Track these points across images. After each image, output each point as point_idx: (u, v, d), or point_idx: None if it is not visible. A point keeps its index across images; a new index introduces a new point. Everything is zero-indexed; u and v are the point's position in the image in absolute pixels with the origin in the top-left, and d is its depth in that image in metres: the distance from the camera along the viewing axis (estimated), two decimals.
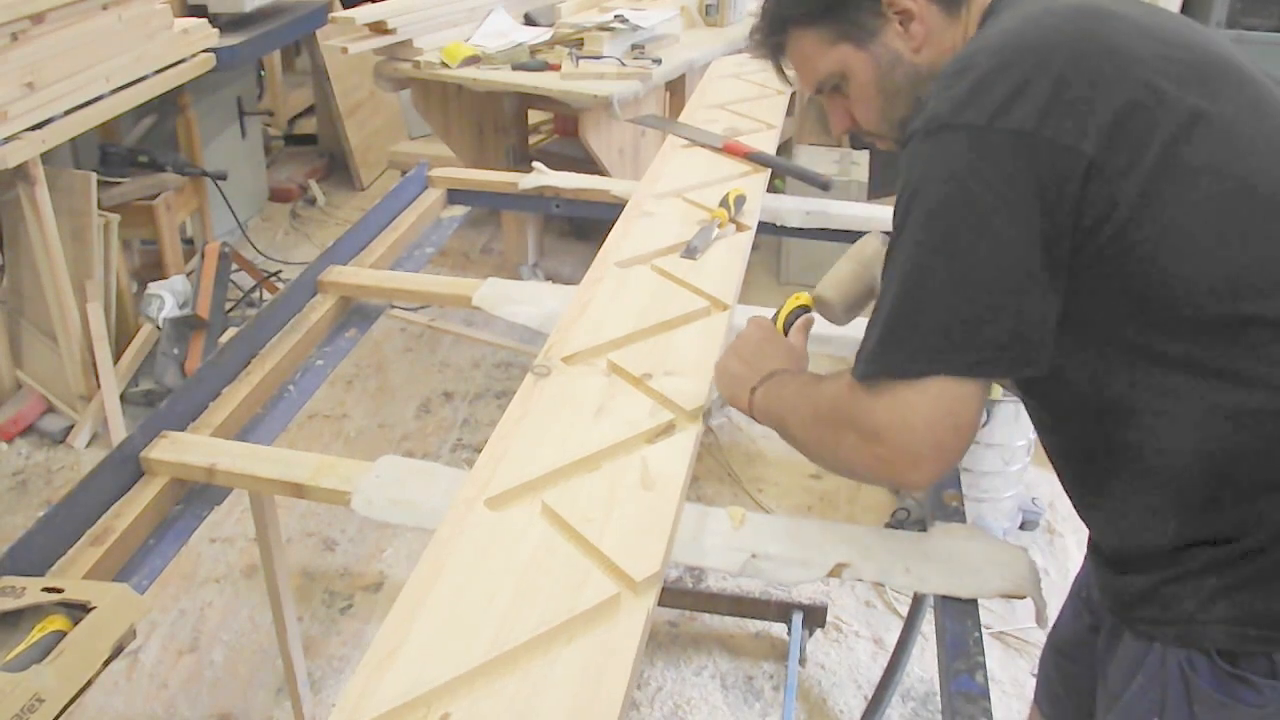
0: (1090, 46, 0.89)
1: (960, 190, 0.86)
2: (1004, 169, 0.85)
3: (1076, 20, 0.92)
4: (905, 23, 1.03)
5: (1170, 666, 0.95)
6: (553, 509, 1.07)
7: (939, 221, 0.87)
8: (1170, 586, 0.94)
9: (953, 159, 0.87)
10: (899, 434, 0.88)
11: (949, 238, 0.86)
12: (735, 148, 2.04)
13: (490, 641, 0.91)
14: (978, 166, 0.86)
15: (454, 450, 2.95)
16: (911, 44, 1.04)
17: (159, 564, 1.20)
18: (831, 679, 2.20)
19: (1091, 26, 0.91)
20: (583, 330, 1.42)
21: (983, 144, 0.86)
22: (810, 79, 1.12)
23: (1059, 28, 0.91)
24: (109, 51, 2.95)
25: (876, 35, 1.05)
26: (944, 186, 0.87)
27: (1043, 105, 0.85)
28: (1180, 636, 0.94)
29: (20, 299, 3.06)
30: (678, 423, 1.23)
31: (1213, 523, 0.91)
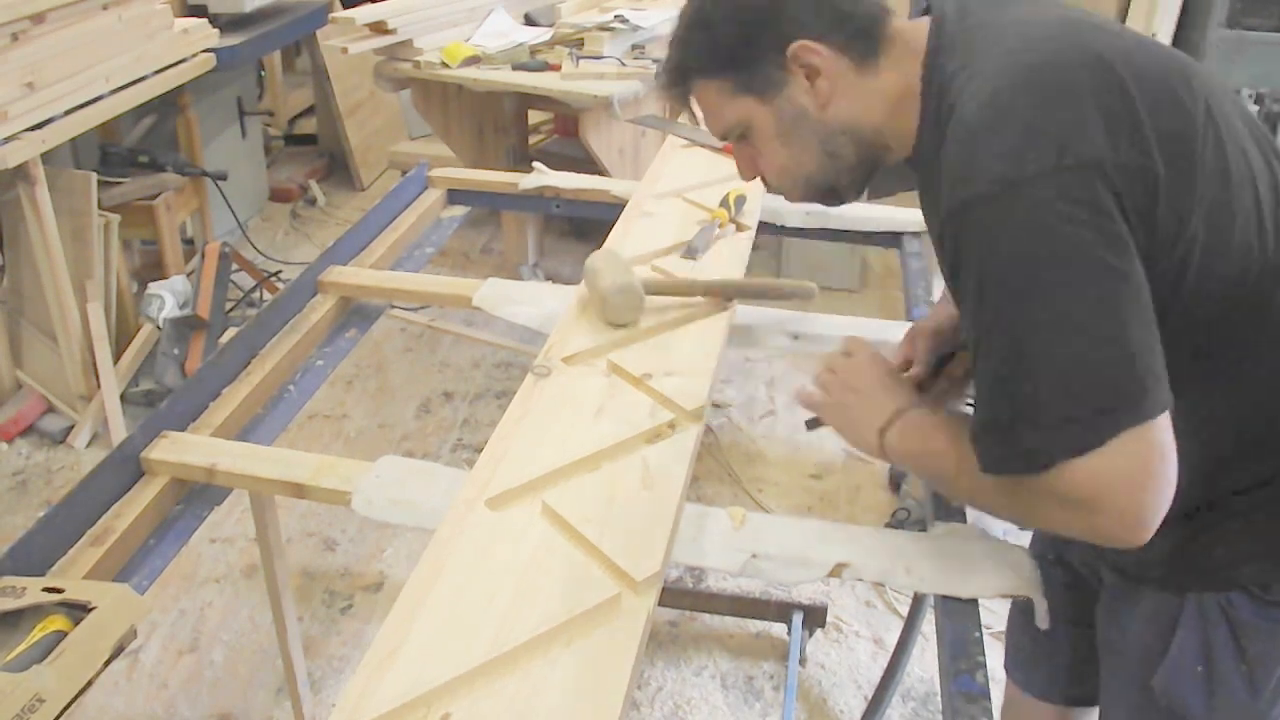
0: (1105, 64, 0.87)
1: (1061, 237, 0.82)
2: (1091, 203, 0.82)
3: (1073, 39, 0.90)
4: (811, 77, 1.00)
5: (1210, 611, 1.00)
6: (553, 509, 1.07)
7: (1054, 279, 0.82)
8: (1200, 539, 0.98)
9: (1036, 212, 0.82)
10: (1113, 501, 0.84)
11: (1074, 292, 0.82)
12: None
13: (490, 641, 0.91)
14: (1067, 211, 0.82)
15: (454, 450, 2.95)
16: (818, 99, 1.01)
17: (159, 564, 1.20)
18: (831, 679, 2.20)
19: (1087, 43, 0.89)
20: (583, 330, 1.42)
21: (1062, 184, 0.82)
22: (716, 128, 1.10)
23: (1063, 51, 0.88)
24: (109, 51, 2.95)
25: (781, 89, 1.02)
26: (1042, 241, 0.82)
27: (1099, 131, 0.83)
28: (1215, 582, 0.99)
29: (20, 299, 3.06)
30: (678, 422, 1.23)
31: (1238, 477, 0.97)
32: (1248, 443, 0.96)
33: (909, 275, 1.80)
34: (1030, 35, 0.92)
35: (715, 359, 1.36)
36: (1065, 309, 0.82)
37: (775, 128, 1.04)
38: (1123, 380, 0.82)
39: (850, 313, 1.69)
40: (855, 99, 1.01)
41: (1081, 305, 0.82)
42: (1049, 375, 0.84)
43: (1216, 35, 3.61)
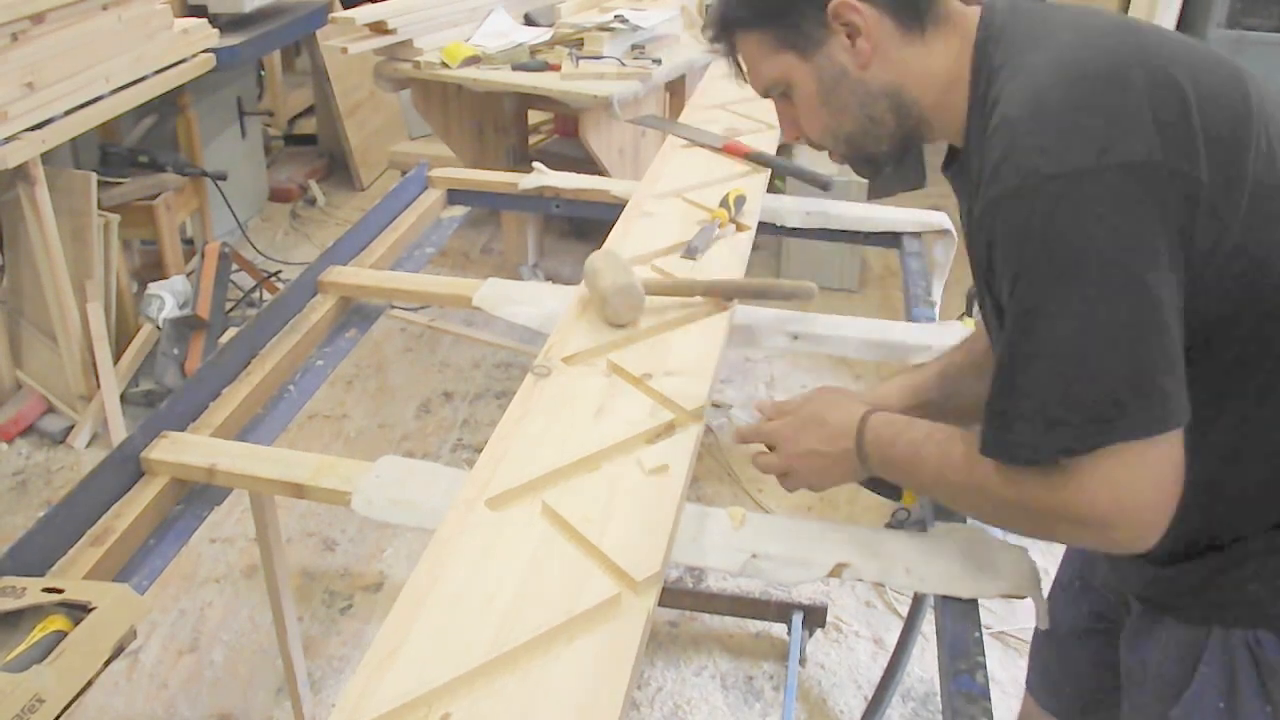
0: (1159, 66, 0.85)
1: (1091, 240, 0.80)
2: (1127, 207, 0.80)
3: (1128, 39, 0.88)
4: (852, 36, 0.98)
5: (1235, 647, 0.97)
6: (553, 509, 1.07)
7: (1078, 281, 0.81)
8: (1233, 572, 0.96)
9: (1069, 210, 0.80)
10: (1092, 511, 0.83)
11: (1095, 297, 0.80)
12: (735, 148, 2.04)
13: (491, 641, 0.91)
14: (1099, 212, 0.80)
15: (454, 450, 2.95)
16: (858, 59, 0.99)
17: (159, 564, 1.20)
18: (831, 679, 2.20)
19: (1145, 44, 0.87)
20: (583, 330, 1.42)
21: (1099, 185, 0.80)
22: (758, 83, 1.09)
23: (1117, 50, 0.86)
24: (109, 51, 2.95)
25: (821, 46, 1.00)
26: (1068, 243, 0.81)
27: (1148, 133, 0.81)
28: (1245, 618, 0.96)
29: (20, 299, 3.06)
30: (678, 422, 1.23)
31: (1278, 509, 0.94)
32: None
33: (909, 275, 1.80)
34: (1085, 29, 0.90)
35: (715, 359, 1.36)
36: (1080, 311, 0.81)
37: (816, 86, 1.02)
38: (1123, 392, 0.80)
39: (850, 313, 1.69)
40: (896, 64, 0.99)
41: (1096, 311, 0.81)
42: (1050, 373, 0.83)
43: (1216, 35, 3.61)
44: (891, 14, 0.97)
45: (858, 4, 0.97)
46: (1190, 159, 0.81)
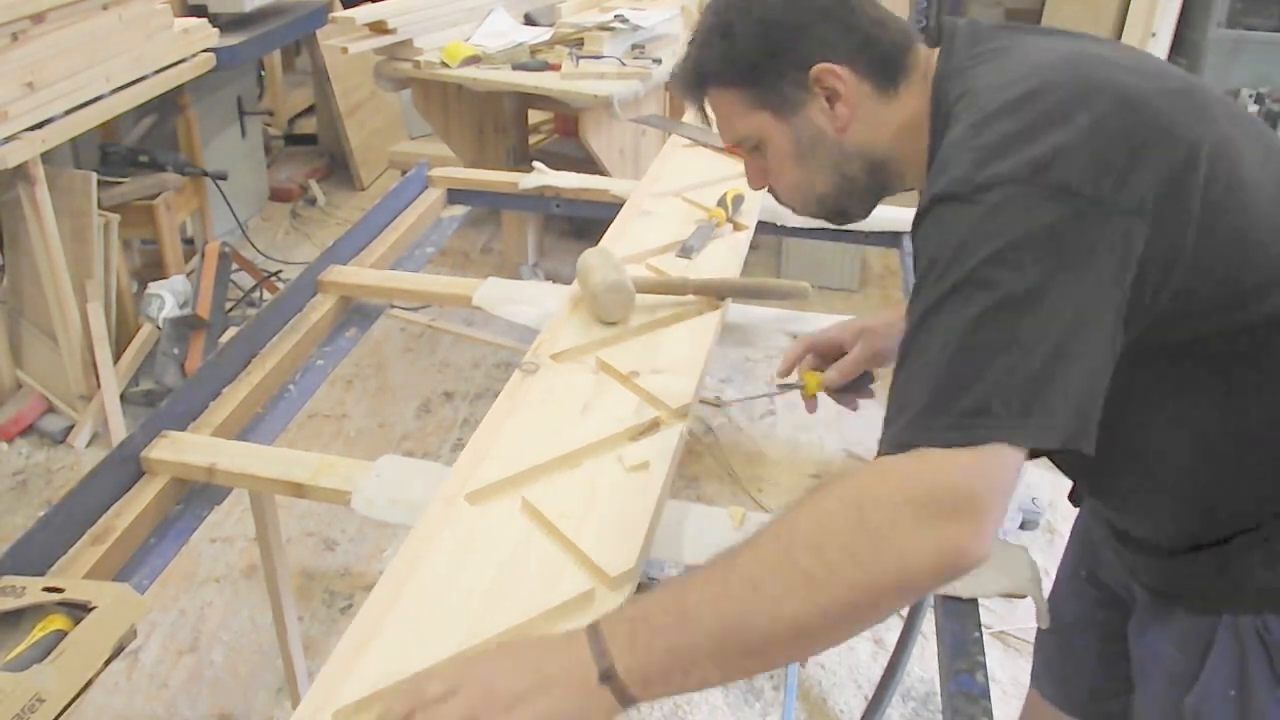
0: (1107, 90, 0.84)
1: (1014, 251, 0.78)
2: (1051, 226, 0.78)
3: (1084, 70, 0.86)
4: (831, 100, 0.98)
5: (1246, 634, 0.96)
6: (533, 505, 1.07)
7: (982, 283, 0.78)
8: (1239, 560, 0.95)
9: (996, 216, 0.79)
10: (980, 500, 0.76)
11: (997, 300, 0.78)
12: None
13: (464, 634, 0.91)
14: (1023, 223, 0.78)
15: (454, 450, 2.95)
16: (837, 123, 0.99)
17: (159, 564, 1.20)
18: (831, 679, 2.20)
19: (1099, 76, 0.85)
20: (573, 328, 1.42)
21: (1026, 199, 0.79)
22: (728, 136, 1.07)
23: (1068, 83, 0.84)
24: (109, 51, 2.95)
25: (800, 109, 0.99)
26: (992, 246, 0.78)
27: (1085, 163, 0.79)
28: (1253, 604, 0.96)
29: (20, 299, 3.06)
30: (662, 420, 1.23)
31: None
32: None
33: (909, 275, 1.81)
34: (1037, 63, 0.88)
35: (704, 357, 1.36)
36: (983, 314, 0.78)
37: (791, 146, 1.02)
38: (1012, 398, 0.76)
39: (850, 312, 1.69)
40: (873, 125, 0.99)
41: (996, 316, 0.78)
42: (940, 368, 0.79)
43: (1216, 35, 3.61)
44: (868, 76, 0.98)
45: (839, 69, 0.96)
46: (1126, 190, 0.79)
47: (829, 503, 0.79)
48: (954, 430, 0.77)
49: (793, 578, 0.76)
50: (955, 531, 0.75)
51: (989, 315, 0.78)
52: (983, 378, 0.77)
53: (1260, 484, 0.93)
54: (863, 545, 0.76)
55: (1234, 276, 0.85)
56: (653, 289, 1.48)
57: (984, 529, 0.76)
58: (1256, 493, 0.94)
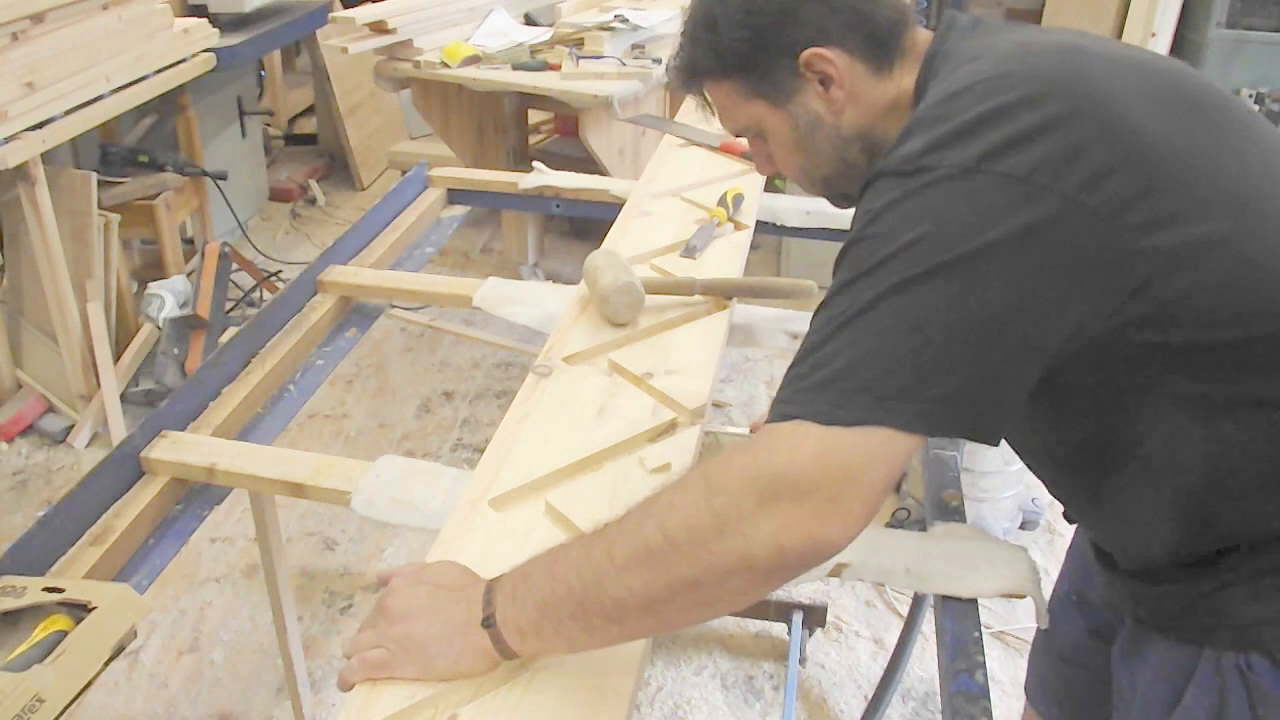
0: (1082, 93, 0.79)
1: (942, 228, 0.76)
2: (994, 215, 0.75)
3: (1066, 62, 0.82)
4: (825, 84, 0.96)
5: (1227, 671, 0.92)
6: (556, 508, 1.07)
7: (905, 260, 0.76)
8: (1224, 592, 0.91)
9: (932, 196, 0.77)
10: (838, 484, 0.74)
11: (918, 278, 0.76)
12: (732, 147, 2.04)
13: None
14: (962, 208, 0.76)
15: (454, 450, 2.95)
16: (832, 107, 0.97)
17: (159, 564, 1.20)
18: (831, 679, 2.20)
19: (1082, 70, 0.82)
20: (583, 330, 1.42)
21: (972, 185, 0.76)
22: (730, 126, 1.07)
23: (1047, 71, 0.81)
24: (109, 51, 2.95)
25: (794, 96, 0.98)
26: (919, 228, 0.76)
27: (1040, 154, 0.76)
28: (1237, 640, 0.91)
29: (20, 299, 3.06)
30: (679, 421, 1.23)
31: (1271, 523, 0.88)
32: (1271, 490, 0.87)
33: None
34: (1019, 51, 0.85)
35: (716, 357, 1.36)
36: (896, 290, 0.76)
37: (790, 133, 1.01)
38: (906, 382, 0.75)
39: None
40: (867, 105, 0.98)
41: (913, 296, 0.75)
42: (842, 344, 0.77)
43: (1216, 35, 3.61)
44: (862, 57, 0.96)
45: (829, 54, 0.94)
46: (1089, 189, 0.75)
47: (691, 476, 0.80)
48: (837, 407, 0.75)
49: (641, 550, 0.78)
50: (801, 515, 0.74)
51: (896, 297, 0.76)
52: (874, 358, 0.75)
53: (1240, 516, 0.89)
54: (705, 525, 0.76)
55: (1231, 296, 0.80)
56: (660, 290, 1.48)
57: (841, 513, 0.74)
58: (1248, 512, 0.89)
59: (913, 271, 0.76)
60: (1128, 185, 0.77)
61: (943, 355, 0.75)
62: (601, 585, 0.80)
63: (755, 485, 0.75)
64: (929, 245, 0.76)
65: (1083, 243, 0.76)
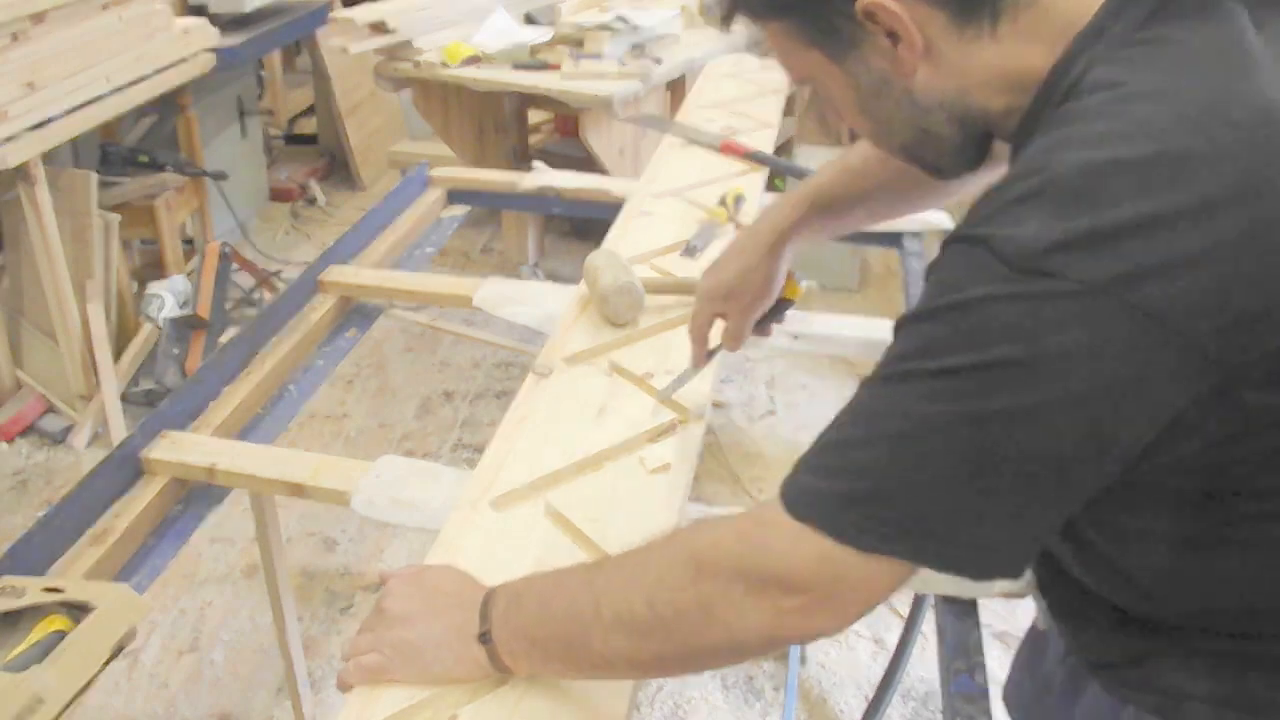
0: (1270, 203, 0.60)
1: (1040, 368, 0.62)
2: (1106, 354, 0.61)
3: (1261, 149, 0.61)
4: (893, 38, 0.74)
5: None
6: (557, 509, 1.07)
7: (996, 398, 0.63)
8: (1157, 660, 0.85)
9: (1040, 317, 0.61)
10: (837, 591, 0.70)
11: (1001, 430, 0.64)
12: (732, 147, 2.04)
13: None
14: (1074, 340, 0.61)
15: (454, 450, 2.95)
16: (902, 67, 0.76)
17: (159, 564, 1.20)
18: (831, 679, 2.20)
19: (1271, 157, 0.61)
20: (583, 330, 1.42)
21: (1091, 312, 0.60)
22: (789, 73, 0.88)
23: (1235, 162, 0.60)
24: (109, 51, 2.95)
25: (855, 49, 0.77)
26: (1015, 348, 0.62)
27: (1187, 281, 0.59)
28: (1160, 708, 0.85)
29: (20, 299, 3.06)
30: (680, 421, 1.23)
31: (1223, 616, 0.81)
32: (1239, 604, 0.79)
33: (909, 275, 1.80)
34: (1212, 106, 0.62)
35: (716, 357, 1.36)
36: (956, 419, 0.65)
37: (852, 94, 0.81)
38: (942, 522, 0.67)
39: (850, 312, 1.69)
40: (956, 69, 0.75)
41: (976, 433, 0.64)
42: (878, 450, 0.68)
43: None
44: (944, 7, 0.73)
45: (892, 4, 0.72)
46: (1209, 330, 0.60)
47: (679, 550, 0.77)
48: (861, 531, 0.68)
49: (627, 617, 0.77)
50: (793, 608, 0.71)
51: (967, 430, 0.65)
52: (922, 495, 0.67)
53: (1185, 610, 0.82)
54: (692, 610, 0.74)
55: None
56: (661, 290, 1.48)
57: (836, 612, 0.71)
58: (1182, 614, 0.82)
59: (994, 405, 0.63)
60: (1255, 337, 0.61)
61: (1000, 504, 0.66)
62: (588, 639, 0.79)
63: (746, 577, 0.72)
64: (1022, 376, 0.62)
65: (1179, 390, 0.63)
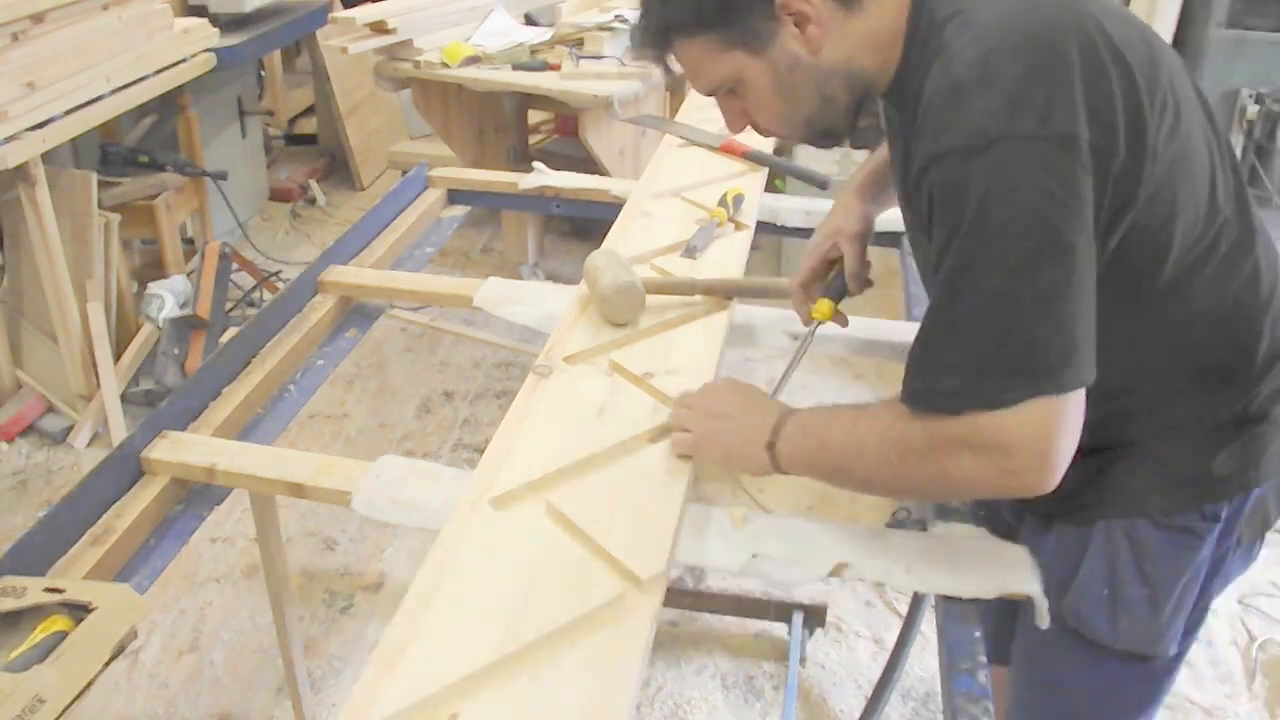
0: (1091, 39, 0.89)
1: (1029, 203, 0.85)
2: (1063, 176, 0.85)
3: (1071, 5, 0.91)
4: (801, 24, 0.98)
5: (1115, 536, 1.07)
6: (558, 509, 1.07)
7: (1014, 241, 0.86)
8: (1108, 470, 1.06)
9: (1010, 172, 0.85)
10: (1034, 445, 0.88)
11: (1029, 257, 0.86)
12: (732, 147, 2.04)
13: (497, 642, 0.91)
14: (1040, 178, 0.85)
15: (454, 450, 2.95)
16: (810, 46, 0.99)
17: (159, 564, 1.20)
18: (831, 679, 2.20)
19: (1083, 14, 0.90)
20: (583, 330, 1.42)
21: (1039, 152, 0.85)
22: (703, 85, 1.07)
23: (1059, 20, 0.89)
24: (109, 51, 2.95)
25: (772, 40, 0.99)
26: (1011, 202, 0.85)
27: (1080, 109, 0.86)
28: (1123, 508, 1.06)
29: (20, 299, 3.06)
30: None
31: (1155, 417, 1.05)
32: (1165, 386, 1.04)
33: (909, 275, 1.81)
34: None
35: (716, 358, 1.36)
36: (1013, 270, 0.86)
37: (770, 79, 1.01)
38: (1049, 353, 0.87)
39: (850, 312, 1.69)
40: (845, 41, 0.99)
41: (1028, 271, 0.86)
42: (982, 327, 0.88)
43: (1216, 35, 3.61)
44: None
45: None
46: (1111, 137, 0.87)
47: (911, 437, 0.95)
48: (1003, 392, 0.87)
49: (885, 469, 0.98)
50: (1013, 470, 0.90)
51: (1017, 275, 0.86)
52: (1016, 340, 0.87)
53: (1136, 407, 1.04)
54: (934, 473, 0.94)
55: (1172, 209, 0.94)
56: (661, 290, 1.48)
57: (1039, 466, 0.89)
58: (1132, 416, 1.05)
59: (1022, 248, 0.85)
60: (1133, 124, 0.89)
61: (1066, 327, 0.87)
62: (853, 470, 1.01)
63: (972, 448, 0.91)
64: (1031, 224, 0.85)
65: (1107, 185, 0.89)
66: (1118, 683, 1.14)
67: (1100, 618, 1.09)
